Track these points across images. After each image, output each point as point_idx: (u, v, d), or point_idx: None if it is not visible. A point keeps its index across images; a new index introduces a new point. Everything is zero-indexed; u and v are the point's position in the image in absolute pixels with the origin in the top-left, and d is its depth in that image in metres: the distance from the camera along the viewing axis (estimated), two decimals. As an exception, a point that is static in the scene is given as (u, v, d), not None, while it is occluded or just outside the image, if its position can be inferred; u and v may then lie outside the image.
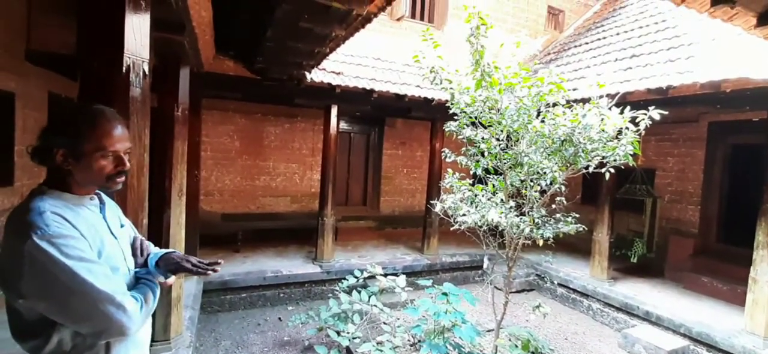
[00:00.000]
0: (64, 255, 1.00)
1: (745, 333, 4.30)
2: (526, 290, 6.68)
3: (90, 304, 1.03)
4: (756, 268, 4.23)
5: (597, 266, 6.07)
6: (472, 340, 2.90)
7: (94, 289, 1.02)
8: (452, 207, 3.14)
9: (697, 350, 4.61)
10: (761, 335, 4.14)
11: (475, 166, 3.36)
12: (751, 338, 4.21)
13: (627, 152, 2.80)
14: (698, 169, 6.48)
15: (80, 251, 1.04)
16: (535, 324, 5.27)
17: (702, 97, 4.18)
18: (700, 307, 5.14)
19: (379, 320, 4.39)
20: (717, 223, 6.39)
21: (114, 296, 1.05)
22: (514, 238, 3.24)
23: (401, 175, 8.66)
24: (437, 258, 6.74)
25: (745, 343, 4.20)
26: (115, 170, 1.15)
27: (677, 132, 6.55)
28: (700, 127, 6.42)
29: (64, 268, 1.00)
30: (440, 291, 3.21)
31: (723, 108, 4.48)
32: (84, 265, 1.02)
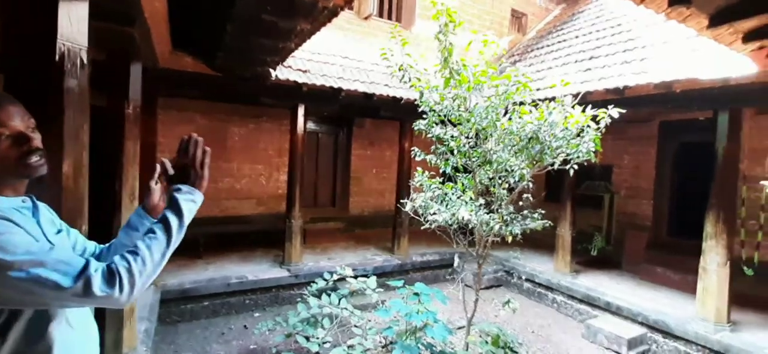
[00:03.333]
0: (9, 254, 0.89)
1: (697, 319, 4.56)
2: (494, 286, 6.81)
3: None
4: (705, 258, 4.50)
5: (561, 260, 6.28)
6: (444, 339, 2.88)
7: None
8: (423, 206, 3.11)
9: (653, 337, 4.85)
10: (711, 320, 4.41)
11: (445, 165, 3.35)
12: (702, 324, 4.48)
13: (589, 149, 2.88)
14: (651, 166, 6.86)
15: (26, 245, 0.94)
16: (504, 319, 5.36)
17: (655, 98, 4.40)
18: (656, 296, 5.42)
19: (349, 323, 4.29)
20: (668, 216, 6.80)
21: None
22: (484, 235, 3.26)
23: (370, 176, 8.60)
24: (408, 258, 6.73)
25: (697, 328, 4.46)
26: (23, 151, 1.02)
27: (632, 131, 6.90)
28: (652, 126, 6.80)
29: None
30: (412, 291, 3.17)
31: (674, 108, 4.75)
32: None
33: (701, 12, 1.87)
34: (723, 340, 4.24)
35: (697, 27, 2.08)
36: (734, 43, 2.14)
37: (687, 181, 6.53)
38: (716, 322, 4.41)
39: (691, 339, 4.50)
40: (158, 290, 4.72)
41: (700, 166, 5.11)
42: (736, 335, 4.29)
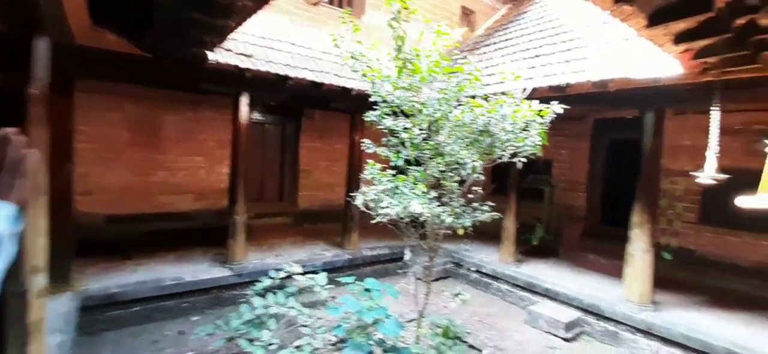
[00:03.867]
0: None
1: (624, 301, 4.96)
2: (442, 278, 6.93)
3: None
4: (632, 244, 4.89)
5: (505, 251, 6.54)
6: (395, 335, 2.83)
7: None
8: (374, 199, 3.01)
9: (587, 319, 5.21)
10: (636, 302, 4.82)
11: (396, 157, 3.28)
12: (628, 305, 4.87)
13: (535, 143, 2.96)
14: (585, 161, 7.37)
15: None
16: (453, 310, 5.46)
17: (593, 96, 4.68)
18: (589, 281, 5.83)
19: (297, 323, 4.11)
20: (600, 207, 7.35)
21: None
22: (436, 228, 3.24)
23: (320, 169, 8.36)
24: (358, 252, 6.63)
25: (624, 309, 4.85)
26: None
27: (569, 128, 7.35)
28: (587, 124, 7.30)
29: None
30: (362, 287, 3.07)
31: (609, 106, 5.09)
32: None
33: (641, 11, 1.96)
34: (646, 319, 4.64)
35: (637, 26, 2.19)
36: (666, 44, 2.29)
37: (616, 175, 7.09)
38: (640, 303, 4.82)
39: (619, 319, 4.88)
40: (76, 296, 4.19)
41: (628, 161, 5.55)
42: (658, 314, 4.72)
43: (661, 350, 4.53)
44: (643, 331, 4.68)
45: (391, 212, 2.87)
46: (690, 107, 4.62)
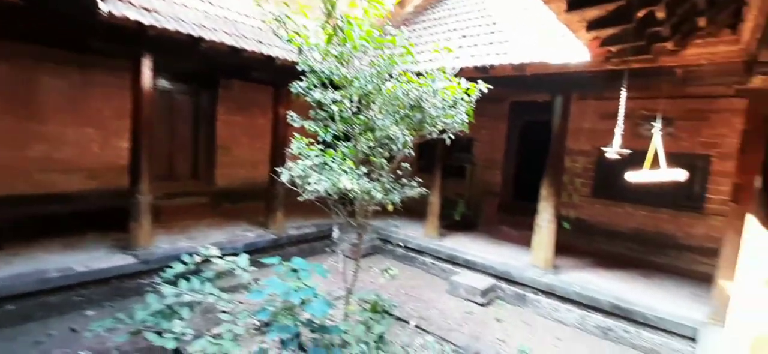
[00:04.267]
0: None
1: (531, 267, 5.50)
2: (370, 254, 7.01)
3: None
4: (540, 216, 5.41)
5: (430, 226, 6.81)
6: (324, 313, 2.74)
7: None
8: (301, 175, 2.84)
9: (500, 285, 5.68)
10: (541, 267, 5.39)
11: (324, 132, 3.12)
12: (535, 270, 5.42)
13: (464, 120, 3.03)
14: (502, 140, 7.90)
15: None
16: (381, 285, 5.56)
17: (514, 79, 4.97)
18: (502, 251, 6.34)
19: (216, 310, 3.81)
20: (513, 183, 7.99)
21: None
22: (365, 204, 3.19)
23: (241, 145, 7.78)
24: (283, 232, 6.37)
25: (531, 274, 5.38)
26: None
27: (489, 108, 7.76)
28: (504, 105, 7.80)
29: None
30: (289, 267, 2.92)
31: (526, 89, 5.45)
32: None
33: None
34: (549, 281, 5.21)
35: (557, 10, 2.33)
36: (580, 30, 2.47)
37: (529, 154, 7.74)
38: (545, 268, 5.40)
39: (527, 283, 5.41)
40: None
41: (539, 141, 6.05)
42: (557, 276, 5.32)
43: (560, 307, 5.13)
44: (546, 292, 5.25)
45: (319, 188, 2.74)
46: (593, 92, 5.16)
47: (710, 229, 5.65)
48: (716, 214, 5.60)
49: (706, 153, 5.72)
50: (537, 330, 4.85)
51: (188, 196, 7.01)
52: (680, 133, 5.77)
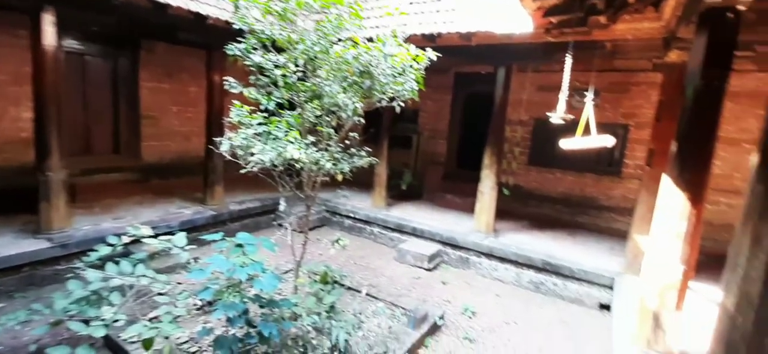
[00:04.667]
0: None
1: (474, 232, 5.79)
2: (318, 226, 6.92)
3: None
4: (482, 184, 5.67)
5: (378, 196, 6.85)
6: (273, 288, 2.65)
7: None
8: (243, 145, 2.64)
9: (446, 250, 5.93)
10: (483, 231, 5.69)
11: (267, 100, 2.91)
12: (478, 235, 5.71)
13: (413, 87, 3.00)
14: (447, 111, 8.06)
15: None
16: (329, 256, 5.52)
17: (460, 48, 5.00)
18: (447, 218, 6.59)
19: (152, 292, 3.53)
20: (457, 153, 8.25)
21: None
22: (313, 175, 3.08)
23: (170, 115, 7.12)
24: (224, 208, 6.02)
25: (474, 238, 5.67)
26: None
27: (434, 79, 7.83)
28: (449, 76, 7.92)
29: None
30: (233, 243, 2.76)
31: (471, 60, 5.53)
32: None
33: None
34: (489, 244, 5.53)
35: (503, -24, 2.33)
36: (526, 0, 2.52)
37: (472, 124, 7.99)
38: (486, 232, 5.71)
39: (470, 247, 5.70)
40: None
41: (483, 112, 6.24)
42: (497, 239, 5.67)
43: (499, 267, 5.50)
44: (487, 255, 5.58)
45: (263, 159, 2.57)
46: (534, 64, 5.39)
47: (627, 191, 6.33)
48: (632, 178, 6.26)
49: (626, 122, 6.32)
50: (479, 289, 5.17)
51: (110, 173, 6.33)
52: (604, 104, 6.28)
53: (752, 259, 1.14)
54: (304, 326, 3.30)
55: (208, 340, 3.38)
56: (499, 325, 4.31)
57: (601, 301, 4.81)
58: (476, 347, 3.86)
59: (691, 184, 2.88)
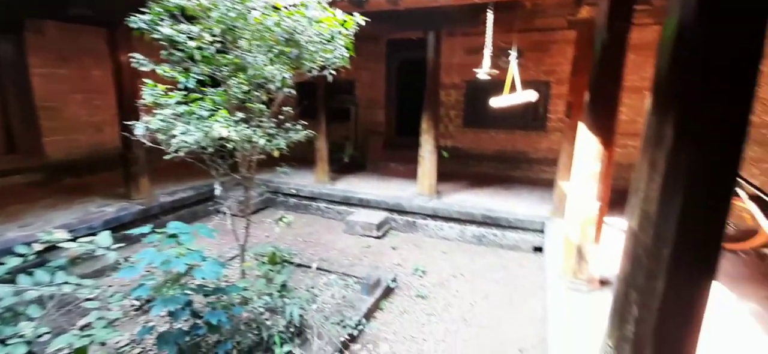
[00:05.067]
0: None
1: (418, 195, 5.97)
2: (261, 209, 6.70)
3: None
4: (422, 149, 5.81)
5: (320, 171, 6.75)
6: (217, 276, 2.53)
7: None
8: (162, 127, 2.42)
9: (393, 217, 6.07)
10: (427, 194, 5.90)
11: (185, 77, 2.66)
12: (422, 198, 5.91)
13: (343, 55, 2.93)
14: (382, 79, 8.05)
15: None
16: (276, 237, 5.40)
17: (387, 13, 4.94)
18: (393, 186, 6.71)
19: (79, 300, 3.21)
20: (396, 121, 8.33)
21: None
22: (248, 154, 2.93)
23: (74, 104, 6.32)
24: (154, 201, 5.57)
25: (419, 202, 5.85)
26: None
27: (367, 48, 7.75)
28: (381, 44, 7.86)
29: None
30: (165, 235, 2.57)
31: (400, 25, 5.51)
32: None
33: None
34: (434, 205, 5.76)
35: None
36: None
37: (408, 91, 8.08)
38: (430, 195, 5.92)
39: (415, 211, 5.89)
40: None
41: (417, 78, 6.34)
42: (441, 200, 5.91)
43: (444, 226, 5.76)
44: (432, 216, 5.81)
45: (188, 140, 2.39)
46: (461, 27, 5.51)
47: (551, 143, 6.87)
48: (555, 131, 6.80)
49: (547, 79, 6.78)
50: (427, 249, 5.39)
51: (7, 175, 5.53)
52: (528, 63, 6.67)
53: (650, 182, 1.30)
54: (256, 309, 3.22)
55: (153, 339, 3.18)
56: (448, 279, 4.56)
57: (535, 244, 5.27)
58: (428, 302, 4.06)
59: (602, 130, 3.19)
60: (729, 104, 1.14)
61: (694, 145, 1.19)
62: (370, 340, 3.44)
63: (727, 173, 1.22)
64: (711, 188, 1.21)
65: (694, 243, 1.26)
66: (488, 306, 4.01)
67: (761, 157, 5.21)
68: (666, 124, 1.23)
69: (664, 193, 1.25)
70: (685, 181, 1.21)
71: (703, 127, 1.18)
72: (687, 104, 1.19)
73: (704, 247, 1.26)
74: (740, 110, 1.15)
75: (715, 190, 1.22)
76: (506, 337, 3.52)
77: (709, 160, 1.19)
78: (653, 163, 1.29)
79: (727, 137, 1.17)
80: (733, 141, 1.18)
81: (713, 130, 1.17)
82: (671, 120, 1.22)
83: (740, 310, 3.16)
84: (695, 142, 1.19)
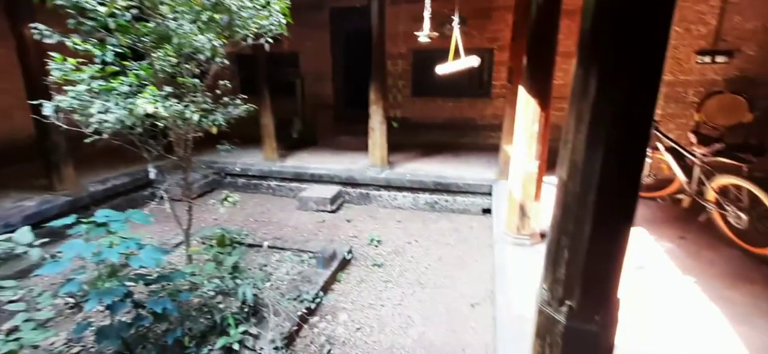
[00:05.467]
0: None
1: (370, 167, 5.98)
2: (207, 192, 6.38)
3: None
4: (372, 120, 5.77)
5: (268, 148, 6.51)
6: (158, 262, 2.39)
7: None
8: (77, 106, 2.17)
9: (346, 190, 6.05)
10: (379, 165, 5.91)
11: (101, 50, 2.38)
12: (374, 170, 5.92)
13: (280, 21, 2.78)
14: (327, 51, 7.80)
15: None
16: (225, 218, 5.19)
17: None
18: (344, 159, 6.65)
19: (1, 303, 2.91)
20: (345, 93, 8.17)
21: None
22: (183, 133, 2.74)
23: (-25, 88, 5.52)
24: (82, 191, 5.09)
25: (372, 173, 5.87)
26: None
27: (310, 17, 7.44)
28: (324, 13, 7.58)
29: None
30: (93, 224, 2.36)
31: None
32: None
33: None
34: (386, 176, 5.80)
35: None
36: None
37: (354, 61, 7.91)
38: (381, 166, 5.94)
39: (368, 182, 5.91)
40: None
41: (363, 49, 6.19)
42: (392, 170, 5.96)
43: (397, 196, 5.85)
44: (385, 187, 5.87)
45: (109, 119, 2.17)
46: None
47: (496, 110, 7.11)
48: (499, 97, 7.03)
49: (491, 47, 6.94)
50: (382, 219, 5.46)
51: None
52: (471, 30, 6.76)
53: (577, 133, 1.38)
54: (206, 293, 3.10)
55: (93, 336, 2.97)
56: (403, 246, 4.66)
57: (484, 206, 5.52)
58: (385, 270, 4.14)
59: (539, 92, 3.35)
60: (642, 62, 1.24)
61: (613, 97, 1.28)
62: (329, 312, 3.47)
63: (642, 123, 1.32)
64: (628, 137, 1.31)
65: (615, 188, 1.36)
66: (442, 268, 4.18)
67: (678, 113, 5.76)
68: (590, 77, 1.31)
69: (589, 143, 1.34)
70: (606, 130, 1.30)
71: (620, 81, 1.26)
72: (606, 60, 1.27)
73: (624, 191, 1.38)
74: (652, 67, 1.25)
75: (631, 138, 1.32)
76: (459, 294, 3.70)
77: (626, 111, 1.28)
78: (579, 114, 1.36)
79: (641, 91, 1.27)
80: (646, 95, 1.29)
81: (629, 85, 1.26)
82: (594, 74, 1.29)
83: (657, 249, 3.55)
84: (614, 95, 1.28)
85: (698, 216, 3.91)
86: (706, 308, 2.73)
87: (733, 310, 2.70)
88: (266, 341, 2.86)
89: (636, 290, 2.92)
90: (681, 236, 3.78)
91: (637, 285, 3.00)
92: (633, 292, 2.86)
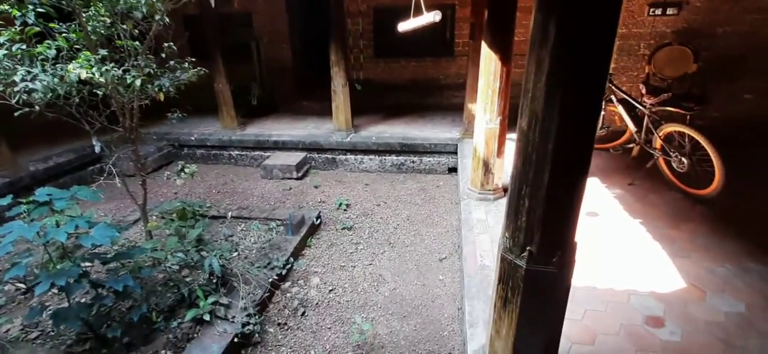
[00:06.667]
0: None
1: (335, 132, 5.87)
2: (164, 166, 6.04)
3: None
4: (333, 82, 5.60)
5: (226, 117, 6.22)
6: (112, 239, 2.25)
7: None
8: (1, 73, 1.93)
9: (312, 156, 5.93)
10: (343, 129, 5.81)
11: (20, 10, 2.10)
12: (338, 134, 5.82)
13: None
14: (283, 9, 7.37)
15: None
16: (186, 192, 4.98)
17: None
18: (308, 124, 6.48)
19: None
20: (304, 56, 7.85)
21: None
22: (127, 101, 2.52)
23: None
24: (22, 170, 4.68)
25: (337, 138, 5.77)
26: None
27: (262, -27, 6.96)
28: (278, -31, 7.09)
29: None
30: (35, 204, 2.17)
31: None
32: None
33: None
34: (351, 140, 5.73)
35: None
36: None
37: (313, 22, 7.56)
38: (346, 130, 5.85)
39: (333, 147, 5.82)
40: None
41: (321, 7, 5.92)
42: (358, 134, 5.89)
43: (364, 159, 5.82)
44: (351, 150, 5.81)
45: (37, 87, 1.95)
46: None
47: (459, 68, 7.10)
48: (462, 55, 7.00)
49: (452, 2, 6.82)
50: (349, 183, 5.43)
51: None
52: (433, -15, 6.58)
53: (536, 82, 1.39)
54: (170, 267, 3.00)
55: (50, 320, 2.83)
56: (372, 208, 4.69)
57: (450, 165, 5.61)
58: (354, 232, 4.16)
59: (501, 47, 3.35)
60: (598, 10, 1.24)
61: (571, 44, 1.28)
62: (301, 277, 3.47)
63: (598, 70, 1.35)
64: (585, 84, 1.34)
65: (572, 137, 1.40)
66: (410, 226, 4.26)
67: (630, 66, 6.01)
68: (550, 23, 1.30)
69: (548, 91, 1.35)
70: (564, 76, 1.32)
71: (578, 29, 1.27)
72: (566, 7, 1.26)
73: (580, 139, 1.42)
74: (608, 15, 1.26)
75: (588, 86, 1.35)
76: (427, 250, 3.80)
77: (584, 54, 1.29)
78: (539, 62, 1.37)
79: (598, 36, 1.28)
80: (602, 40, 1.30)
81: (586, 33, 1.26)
82: (554, 20, 1.29)
83: (608, 196, 3.78)
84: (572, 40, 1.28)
85: (646, 164, 4.18)
86: (650, 246, 2.97)
87: (674, 246, 2.95)
88: (238, 309, 2.83)
89: (589, 234, 3.12)
90: (630, 183, 4.04)
91: (590, 229, 3.20)
92: (587, 237, 3.06)
